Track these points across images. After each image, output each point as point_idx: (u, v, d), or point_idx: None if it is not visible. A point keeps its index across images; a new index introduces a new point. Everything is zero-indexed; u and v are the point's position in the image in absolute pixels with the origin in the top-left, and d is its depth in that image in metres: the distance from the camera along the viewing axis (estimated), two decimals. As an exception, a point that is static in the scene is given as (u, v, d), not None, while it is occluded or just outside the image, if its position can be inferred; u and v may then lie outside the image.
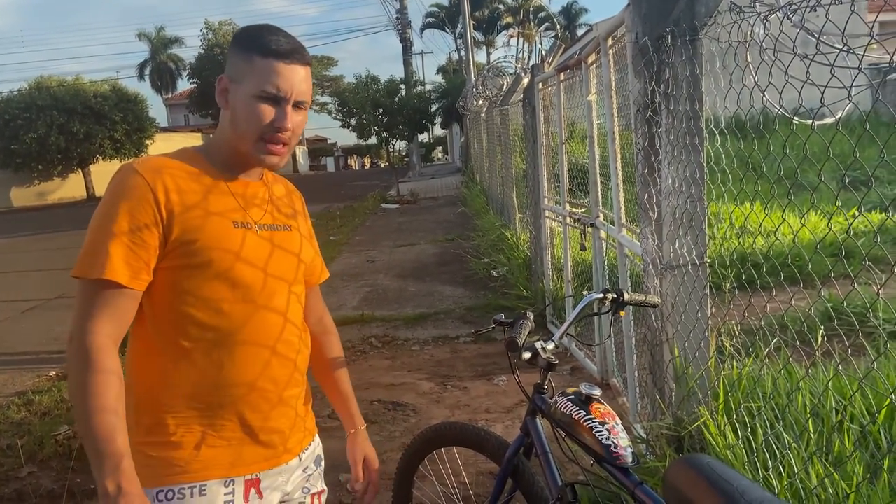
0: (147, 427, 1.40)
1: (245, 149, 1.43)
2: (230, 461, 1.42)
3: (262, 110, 1.39)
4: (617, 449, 1.75)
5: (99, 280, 1.30)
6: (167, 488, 1.37)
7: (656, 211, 2.69)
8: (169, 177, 1.38)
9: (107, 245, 1.31)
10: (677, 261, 2.60)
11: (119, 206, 1.33)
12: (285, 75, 1.39)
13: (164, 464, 1.38)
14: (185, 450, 1.39)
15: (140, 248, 1.33)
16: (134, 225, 1.32)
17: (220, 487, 1.41)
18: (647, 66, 2.69)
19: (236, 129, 1.43)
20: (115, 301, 1.32)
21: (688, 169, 2.57)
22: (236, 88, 1.42)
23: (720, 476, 1.47)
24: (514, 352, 1.94)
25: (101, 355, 1.28)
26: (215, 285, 1.40)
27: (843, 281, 5.14)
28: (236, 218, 1.45)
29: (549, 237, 6.00)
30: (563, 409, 1.87)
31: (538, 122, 5.94)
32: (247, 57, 1.40)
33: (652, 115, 2.68)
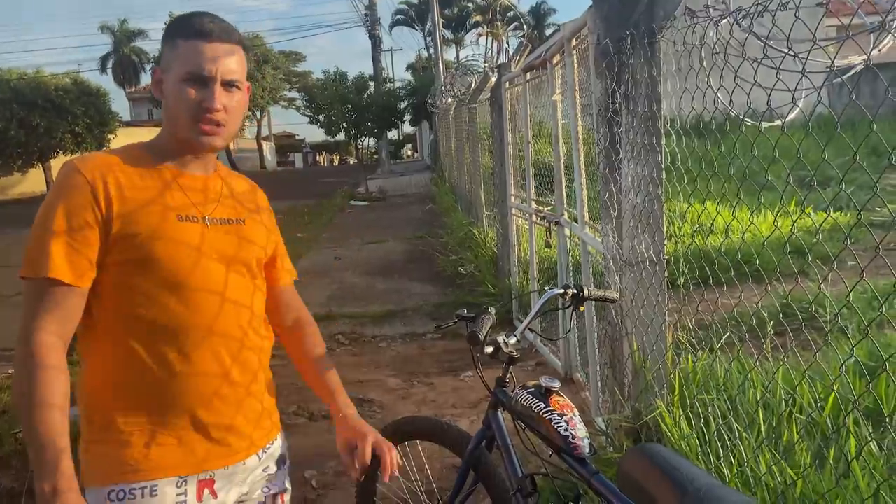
0: (97, 425, 1.39)
1: (182, 135, 1.43)
2: (182, 460, 1.40)
3: (189, 93, 1.39)
4: (574, 440, 1.80)
5: (44, 279, 1.30)
6: (118, 487, 1.35)
7: (617, 209, 2.76)
8: (109, 173, 1.38)
9: (48, 244, 1.31)
10: (636, 257, 2.68)
11: (58, 204, 1.33)
12: (208, 55, 1.39)
13: (114, 462, 1.36)
14: (135, 448, 1.37)
15: (82, 246, 1.33)
16: (74, 223, 1.32)
17: (172, 488, 1.39)
18: (609, 68, 2.75)
19: (171, 117, 1.44)
20: (60, 300, 1.32)
21: (646, 168, 2.64)
22: (167, 77, 1.42)
23: (671, 464, 1.53)
24: (476, 346, 1.98)
25: (46, 352, 1.28)
26: (160, 281, 1.38)
27: (796, 277, 5.29)
28: (182, 212, 1.43)
29: (516, 235, 6.07)
30: (523, 401, 1.92)
31: (505, 121, 6.01)
32: (172, 44, 1.41)
33: (613, 115, 2.74)
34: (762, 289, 2.48)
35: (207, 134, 1.42)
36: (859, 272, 1.73)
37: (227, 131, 1.45)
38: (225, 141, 1.47)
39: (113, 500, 1.35)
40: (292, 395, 4.33)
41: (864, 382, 2.48)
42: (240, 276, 1.50)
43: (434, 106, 15.41)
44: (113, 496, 1.35)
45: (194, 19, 1.42)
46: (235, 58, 1.43)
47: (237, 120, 1.46)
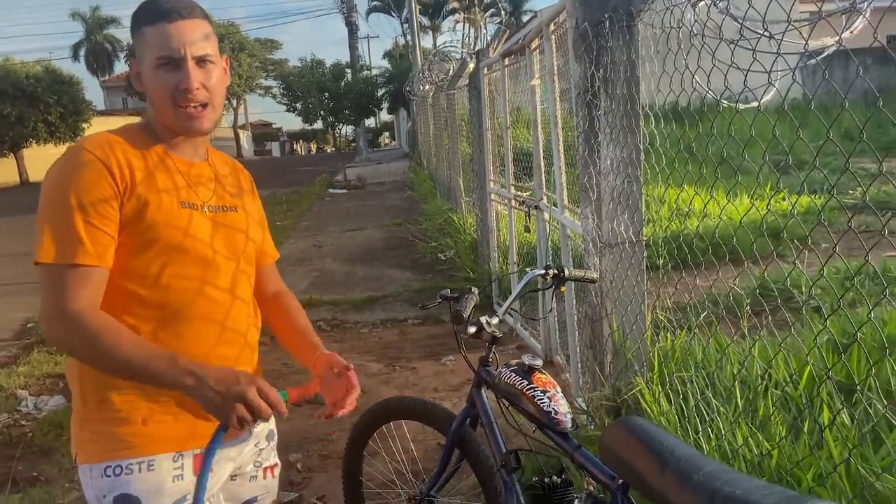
0: (94, 403, 1.41)
1: (169, 122, 1.44)
2: (178, 436, 1.43)
3: (165, 78, 1.39)
4: (557, 415, 1.84)
5: (72, 264, 1.31)
6: (115, 463, 1.38)
7: (596, 191, 2.79)
8: (120, 152, 1.38)
9: (74, 228, 1.31)
10: (615, 239, 2.72)
11: (75, 186, 1.33)
12: (172, 34, 1.39)
13: (111, 439, 1.39)
14: (132, 425, 1.39)
15: (104, 225, 1.34)
16: (95, 202, 1.33)
17: (169, 462, 1.42)
18: (587, 51, 2.78)
19: (154, 107, 1.44)
20: (87, 280, 1.33)
21: (625, 150, 2.68)
22: (143, 67, 1.42)
23: (651, 436, 1.57)
24: (460, 325, 2.01)
25: (91, 315, 1.31)
26: (161, 263, 1.40)
27: (773, 259, 5.39)
28: (183, 197, 1.45)
29: (495, 220, 6.10)
30: (506, 379, 1.95)
31: (483, 107, 6.02)
32: (139, 33, 1.41)
33: (592, 98, 2.77)
34: (739, 270, 2.54)
35: (192, 117, 1.42)
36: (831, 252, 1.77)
37: (211, 110, 1.45)
38: (211, 122, 1.47)
39: (110, 476, 1.38)
40: (277, 381, 4.34)
41: (836, 356, 2.55)
42: (232, 262, 1.52)
43: (412, 93, 15.35)
44: (109, 472, 1.38)
45: (153, 3, 1.41)
46: (201, 32, 1.42)
47: (220, 96, 1.46)
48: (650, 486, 1.52)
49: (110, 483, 1.38)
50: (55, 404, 4.72)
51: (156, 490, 1.39)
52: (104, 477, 1.38)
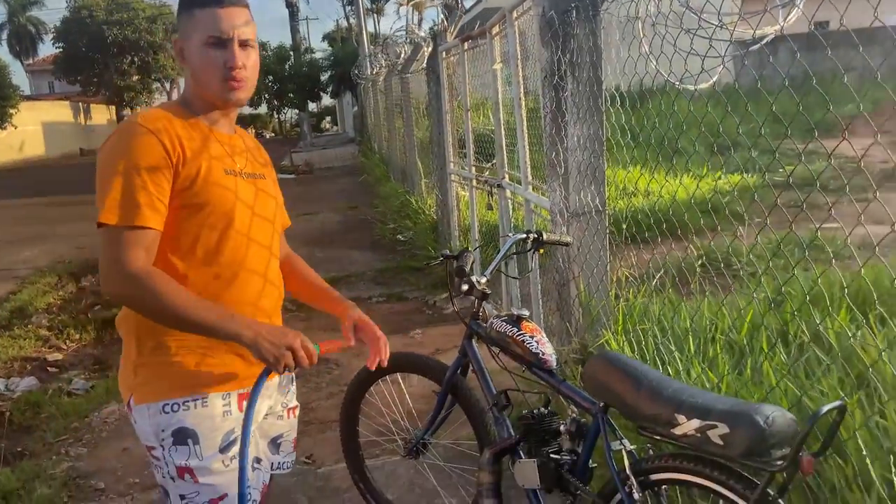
0: (150, 348, 1.59)
1: (212, 94, 1.61)
2: (226, 378, 1.62)
3: (213, 56, 1.57)
4: (544, 355, 2.13)
5: (131, 226, 1.48)
6: (172, 401, 1.56)
7: (563, 166, 3.09)
8: (169, 125, 1.56)
9: (133, 193, 1.48)
10: (582, 209, 3.02)
11: (135, 157, 1.50)
12: (224, 18, 1.56)
13: (167, 379, 1.58)
14: (186, 367, 1.57)
15: (161, 193, 1.51)
16: (152, 172, 1.50)
17: (219, 399, 1.61)
18: (554, 38, 3.05)
19: (199, 81, 1.62)
20: (144, 240, 1.50)
21: (591, 128, 2.97)
22: (188, 44, 1.60)
23: (627, 364, 1.87)
24: (463, 277, 2.27)
25: (153, 273, 1.49)
26: (212, 222, 1.59)
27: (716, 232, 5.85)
28: (227, 165, 1.65)
29: (455, 200, 6.36)
30: (498, 328, 2.23)
31: (443, 90, 6.25)
32: (189, 13, 1.58)
33: (559, 81, 3.06)
34: (686, 243, 2.87)
35: (235, 89, 1.60)
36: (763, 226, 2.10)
37: (249, 85, 1.64)
38: (248, 95, 1.67)
39: (167, 412, 1.56)
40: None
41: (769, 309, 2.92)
42: (268, 223, 1.74)
43: (360, 77, 15.40)
44: (168, 409, 1.56)
45: None
46: (245, 18, 1.61)
47: (255, 75, 1.66)
48: (627, 403, 1.83)
49: (168, 419, 1.56)
50: (27, 385, 4.78)
51: (209, 423, 1.59)
52: (162, 413, 1.56)
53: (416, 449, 2.56)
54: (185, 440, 1.57)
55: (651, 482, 1.84)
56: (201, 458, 1.58)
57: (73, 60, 34.57)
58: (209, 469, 1.59)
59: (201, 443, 1.58)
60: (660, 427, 1.73)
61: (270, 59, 19.40)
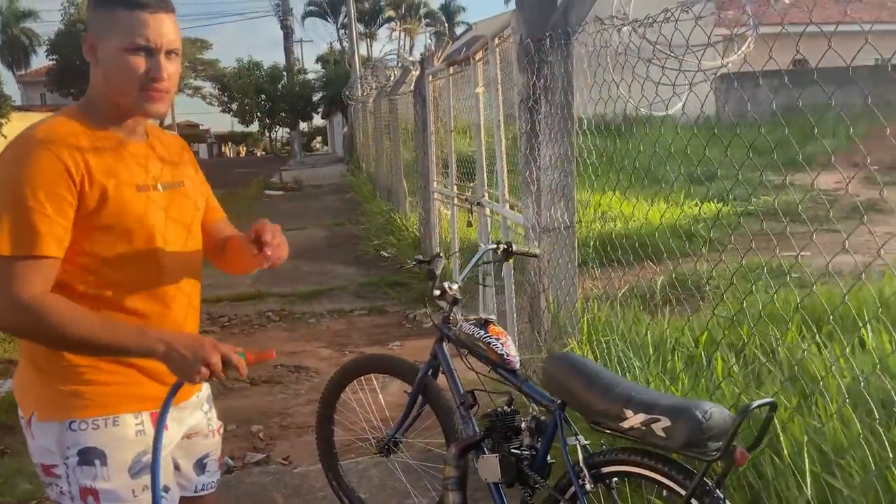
0: (59, 368, 1.48)
1: (126, 102, 1.47)
2: (139, 397, 1.53)
3: (135, 63, 1.42)
4: (508, 356, 2.27)
5: (28, 256, 1.35)
6: (80, 419, 1.47)
7: (536, 184, 3.25)
8: (72, 139, 1.42)
9: (32, 220, 1.35)
10: (553, 224, 3.19)
11: (33, 179, 1.36)
12: (153, 25, 1.42)
13: (78, 397, 1.48)
14: (96, 386, 1.49)
15: (61, 218, 1.38)
16: (53, 195, 1.36)
17: (131, 419, 1.52)
18: (530, 64, 3.24)
19: (113, 86, 1.46)
20: (41, 269, 1.38)
21: (562, 148, 3.15)
22: (105, 45, 1.44)
23: (581, 364, 2.02)
24: (433, 280, 2.41)
25: (48, 301, 1.38)
26: (118, 245, 1.48)
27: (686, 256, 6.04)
28: (138, 181, 1.50)
29: (437, 217, 6.53)
30: (466, 331, 2.37)
31: (428, 112, 6.44)
32: (110, 11, 1.43)
33: (533, 104, 3.24)
34: (659, 266, 3.04)
35: (156, 100, 1.47)
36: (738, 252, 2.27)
37: (170, 97, 1.52)
38: (168, 105, 1.55)
39: (76, 430, 1.47)
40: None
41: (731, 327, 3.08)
42: (183, 232, 1.62)
43: (350, 97, 15.64)
44: (75, 427, 1.47)
45: None
46: (174, 26, 1.48)
47: (176, 85, 1.54)
48: (581, 400, 1.97)
49: (76, 437, 1.47)
50: (10, 387, 4.84)
51: (119, 443, 1.50)
52: (69, 431, 1.47)
53: (387, 447, 2.68)
54: (92, 460, 1.48)
55: (603, 475, 1.97)
56: (108, 479, 1.49)
57: (67, 73, 34.59)
58: (114, 493, 1.50)
59: (109, 464, 1.49)
60: (610, 422, 1.87)
61: (264, 78, 19.61)
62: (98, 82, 1.50)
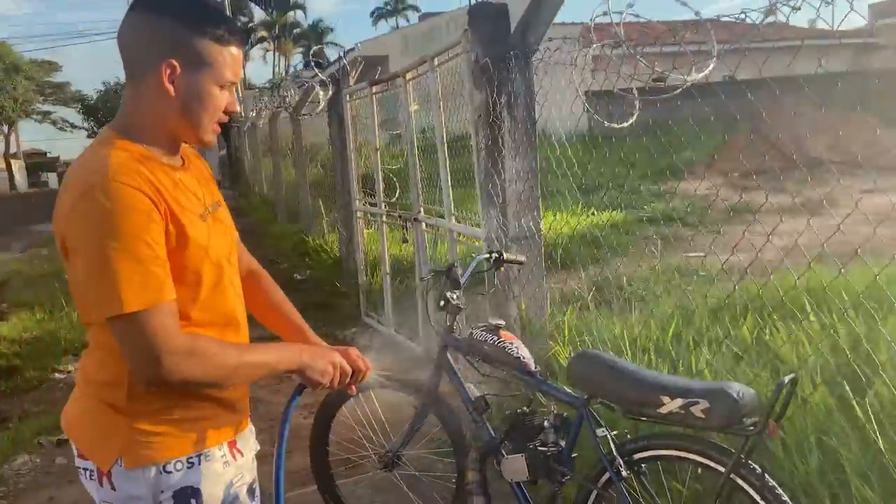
0: (146, 408, 1.43)
1: (195, 136, 1.44)
2: (219, 430, 1.51)
3: (220, 98, 1.42)
4: (524, 359, 2.36)
5: (160, 304, 1.30)
6: (175, 460, 1.44)
7: (501, 196, 3.38)
8: (148, 174, 1.34)
9: (149, 267, 1.29)
10: (522, 234, 3.32)
11: (132, 224, 1.28)
12: (238, 61, 1.43)
13: (170, 437, 1.45)
14: (187, 423, 1.46)
15: (163, 256, 1.33)
16: (153, 236, 1.31)
17: (217, 451, 1.50)
18: (489, 81, 3.38)
19: (189, 118, 1.41)
20: (174, 313, 1.34)
21: (526, 161, 3.30)
22: (192, 76, 1.38)
23: (609, 359, 2.15)
24: (458, 288, 2.47)
25: (196, 340, 1.36)
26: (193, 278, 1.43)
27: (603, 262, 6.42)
28: (198, 209, 1.45)
29: (361, 237, 6.51)
30: (478, 338, 2.44)
31: (346, 131, 6.43)
32: (206, 42, 1.37)
33: (495, 119, 3.37)
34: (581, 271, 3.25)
35: (215, 132, 1.48)
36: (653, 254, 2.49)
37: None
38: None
39: (170, 472, 1.44)
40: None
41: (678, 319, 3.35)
42: (233, 255, 1.59)
43: (234, 121, 15.19)
44: (170, 468, 1.44)
45: (226, 19, 1.41)
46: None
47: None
48: (614, 392, 2.10)
49: (169, 479, 1.44)
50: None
51: (212, 478, 1.49)
52: (164, 474, 1.43)
53: (391, 462, 2.69)
54: (188, 500, 1.46)
55: (635, 461, 2.11)
56: None
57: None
58: None
59: (204, 501, 1.48)
60: (646, 409, 2.01)
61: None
62: (158, 108, 1.39)
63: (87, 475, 1.48)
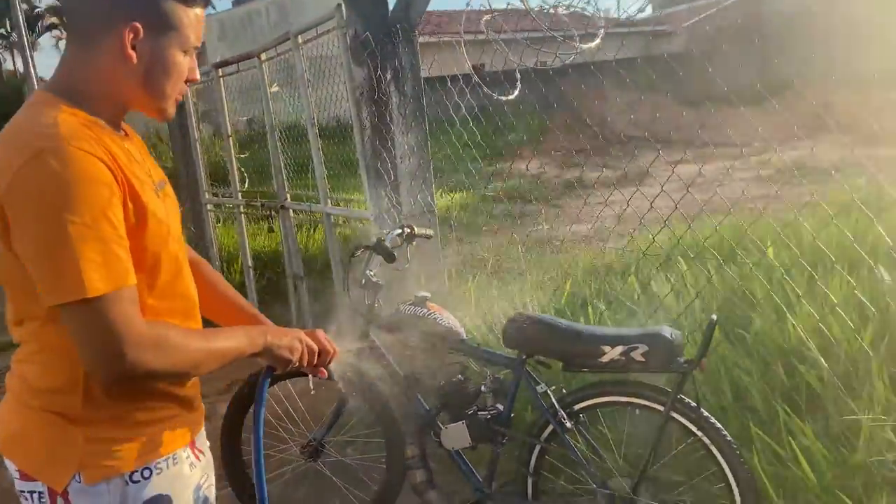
0: (104, 415, 1.28)
1: (154, 106, 1.30)
2: (182, 430, 1.40)
3: (184, 64, 1.29)
4: (455, 328, 2.38)
5: (124, 288, 1.15)
6: (141, 468, 1.31)
7: (393, 173, 3.35)
8: (103, 141, 1.19)
9: (112, 247, 1.14)
10: (416, 209, 3.31)
11: (93, 197, 1.12)
12: (202, 22, 1.30)
13: (134, 443, 1.31)
14: (150, 426, 1.33)
15: (124, 235, 1.18)
16: (114, 212, 1.15)
17: (182, 452, 1.39)
18: (371, 57, 3.32)
19: (151, 87, 1.26)
20: (134, 298, 1.19)
21: (417, 137, 3.29)
22: (156, 39, 1.23)
23: (544, 318, 2.23)
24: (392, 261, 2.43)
25: (160, 329, 1.22)
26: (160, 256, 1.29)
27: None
28: (150, 185, 1.29)
29: (213, 231, 6.13)
30: (408, 312, 2.41)
31: (189, 119, 6.00)
32: (167, 2, 1.23)
33: (381, 96, 3.32)
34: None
35: (175, 104, 1.33)
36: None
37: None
38: None
39: (138, 481, 1.30)
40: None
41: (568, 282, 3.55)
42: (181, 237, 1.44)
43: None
44: (137, 476, 1.31)
45: None
46: None
47: None
48: (554, 349, 2.19)
49: (137, 489, 1.30)
50: None
51: (182, 482, 1.38)
52: (130, 484, 1.29)
53: (315, 451, 2.59)
54: None
55: (576, 412, 2.21)
56: None
57: None
58: None
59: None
60: (588, 360, 2.11)
61: None
62: (115, 75, 1.23)
63: (33, 499, 1.28)
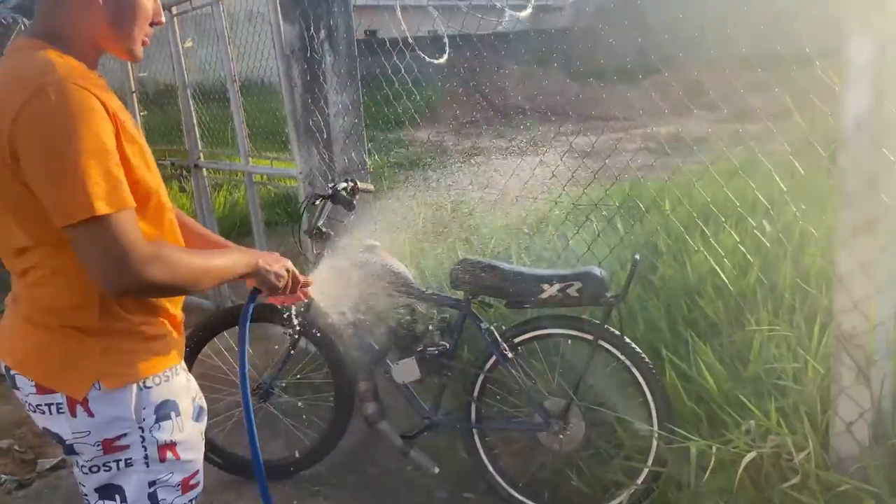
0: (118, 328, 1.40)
1: (123, 47, 1.38)
2: (177, 349, 1.51)
3: (149, 7, 1.39)
4: (404, 273, 2.57)
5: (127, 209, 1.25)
6: (153, 375, 1.42)
7: (326, 132, 3.45)
8: (90, 82, 1.26)
9: (113, 171, 1.23)
10: (351, 167, 3.44)
11: (94, 128, 1.22)
12: None
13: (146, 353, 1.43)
14: (155, 341, 1.45)
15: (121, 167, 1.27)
16: (112, 146, 1.25)
17: (179, 367, 1.51)
18: (303, 15, 3.38)
19: (119, 28, 1.36)
20: (135, 220, 1.29)
21: (350, 95, 3.41)
22: None
23: (489, 262, 2.46)
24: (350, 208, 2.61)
25: (160, 247, 1.31)
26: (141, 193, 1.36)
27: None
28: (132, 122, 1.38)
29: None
30: (360, 259, 2.57)
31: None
32: None
33: (313, 55, 3.40)
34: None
35: (143, 46, 1.43)
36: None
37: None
38: None
39: (150, 387, 1.42)
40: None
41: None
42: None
43: None
44: (150, 383, 1.42)
45: None
46: None
47: None
48: (497, 289, 2.42)
49: (149, 394, 1.41)
50: None
51: (183, 391, 1.50)
52: (145, 389, 1.41)
53: (265, 393, 2.71)
54: (168, 413, 1.45)
55: (515, 345, 2.47)
56: (182, 429, 1.47)
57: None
58: (189, 442, 1.49)
59: (181, 413, 1.47)
60: (529, 298, 2.36)
61: None
62: (86, 18, 1.33)
63: (50, 409, 1.39)
